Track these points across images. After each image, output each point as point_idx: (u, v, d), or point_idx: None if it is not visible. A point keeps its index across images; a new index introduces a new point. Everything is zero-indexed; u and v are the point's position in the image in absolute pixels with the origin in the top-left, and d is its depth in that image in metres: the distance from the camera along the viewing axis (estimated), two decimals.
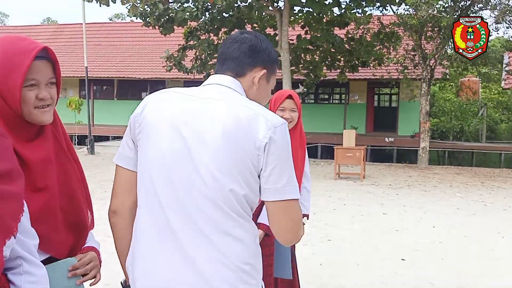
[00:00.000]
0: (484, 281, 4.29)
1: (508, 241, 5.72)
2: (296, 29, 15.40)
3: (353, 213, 7.16)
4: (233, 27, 13.95)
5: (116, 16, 42.20)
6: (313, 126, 18.57)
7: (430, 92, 14.49)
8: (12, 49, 1.31)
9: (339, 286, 4.13)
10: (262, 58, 1.51)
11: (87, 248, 1.54)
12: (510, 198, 8.78)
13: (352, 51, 14.27)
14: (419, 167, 13.46)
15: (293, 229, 1.40)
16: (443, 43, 13.06)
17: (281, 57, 13.25)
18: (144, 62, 21.10)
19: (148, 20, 13.12)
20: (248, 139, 1.32)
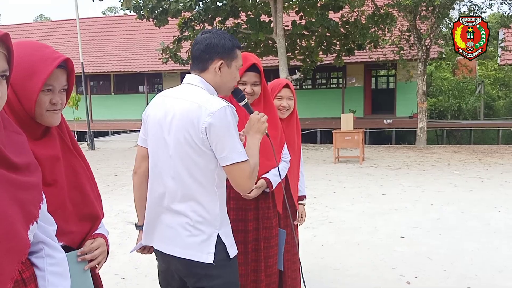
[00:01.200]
0: (479, 254, 4.43)
1: (504, 215, 5.85)
2: (290, 15, 15.36)
3: (353, 195, 7.29)
4: (227, 16, 13.87)
5: (109, 10, 41.85)
6: (311, 112, 18.66)
7: (426, 72, 14.55)
8: (36, 56, 1.42)
9: (341, 265, 4.25)
10: (217, 51, 1.91)
11: (96, 235, 1.64)
12: (507, 173, 8.92)
13: (347, 35, 14.26)
14: (417, 147, 13.59)
15: (243, 182, 1.90)
16: (437, 22, 13.09)
17: (277, 43, 13.27)
18: (140, 55, 21.07)
19: (142, 12, 13.11)
20: (193, 126, 1.84)
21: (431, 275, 3.96)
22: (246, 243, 2.49)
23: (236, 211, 2.50)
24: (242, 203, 2.50)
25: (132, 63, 20.48)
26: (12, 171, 1.17)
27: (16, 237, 1.13)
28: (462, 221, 5.62)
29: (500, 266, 4.10)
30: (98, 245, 1.61)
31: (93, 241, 1.61)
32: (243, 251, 2.47)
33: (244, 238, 2.49)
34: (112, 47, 22.59)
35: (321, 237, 5.16)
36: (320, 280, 3.92)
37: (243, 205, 2.50)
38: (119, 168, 10.76)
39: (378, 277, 3.96)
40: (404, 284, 3.79)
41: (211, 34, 1.93)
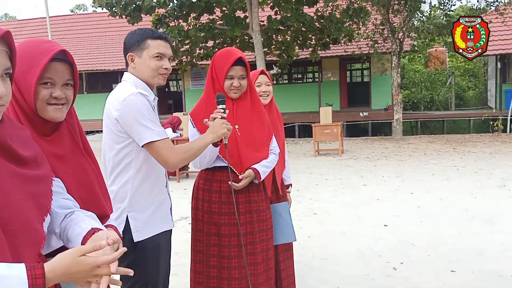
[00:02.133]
0: (460, 239, 4.64)
1: (480, 201, 6.11)
2: (266, 10, 15.35)
3: (335, 187, 7.46)
4: (202, 12, 13.72)
5: (78, 8, 40.81)
6: (288, 106, 18.76)
7: (400, 64, 14.86)
8: (36, 50, 1.43)
9: (328, 254, 4.37)
10: (126, 48, 2.20)
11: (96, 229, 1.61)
12: (480, 161, 9.25)
13: (322, 29, 14.36)
14: (394, 138, 13.89)
15: (162, 159, 2.09)
16: (410, 16, 13.38)
17: (253, 39, 13.28)
18: (113, 53, 20.67)
19: (115, 9, 12.84)
20: (109, 117, 2.11)
21: (416, 261, 4.13)
22: (239, 236, 2.51)
23: (227, 205, 2.51)
24: (232, 196, 2.49)
25: (104, 61, 20.15)
26: (22, 165, 1.20)
27: (33, 230, 1.18)
28: (441, 208, 5.85)
29: (480, 249, 4.31)
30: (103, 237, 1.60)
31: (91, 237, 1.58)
32: (236, 244, 2.51)
33: (237, 231, 2.51)
34: (83, 45, 22.17)
35: (307, 228, 5.27)
36: (310, 270, 4.03)
37: (232, 198, 2.49)
38: None
39: (365, 264, 4.09)
40: (390, 270, 3.93)
41: (127, 34, 2.22)
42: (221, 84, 2.49)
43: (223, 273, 2.51)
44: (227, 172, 2.48)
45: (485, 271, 3.81)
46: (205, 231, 2.54)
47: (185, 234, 4.97)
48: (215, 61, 2.52)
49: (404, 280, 3.72)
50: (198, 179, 2.63)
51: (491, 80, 19.64)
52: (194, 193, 2.63)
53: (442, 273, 3.82)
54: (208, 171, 2.57)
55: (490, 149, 10.77)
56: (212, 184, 2.54)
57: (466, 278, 3.69)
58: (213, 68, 2.52)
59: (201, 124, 2.45)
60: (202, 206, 2.56)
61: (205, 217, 2.54)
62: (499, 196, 6.34)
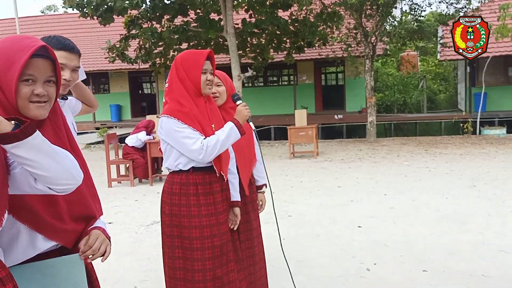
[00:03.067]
0: (431, 239, 4.71)
1: (451, 201, 6.22)
2: (240, 13, 15.36)
3: (310, 189, 7.49)
4: (176, 14, 13.58)
5: (48, 9, 39.82)
6: (264, 109, 18.84)
7: (373, 68, 15.08)
8: (16, 46, 1.37)
9: (303, 257, 4.37)
10: None
11: (90, 230, 1.61)
12: (451, 162, 9.45)
13: (297, 33, 14.41)
14: (368, 140, 14.06)
15: None
16: (382, 21, 13.60)
17: (227, 41, 13.25)
18: (84, 54, 20.21)
19: (86, 10, 12.56)
20: None
21: (389, 261, 4.17)
22: (220, 236, 2.52)
23: (206, 206, 2.50)
24: (211, 197, 2.52)
25: None
26: None
27: None
28: (413, 209, 5.93)
29: (451, 249, 4.39)
30: (95, 238, 1.57)
31: (88, 237, 1.56)
32: (218, 245, 2.51)
33: (218, 231, 2.51)
34: None
35: (282, 231, 5.14)
36: (285, 273, 4.01)
37: (212, 199, 2.52)
38: None
39: (339, 266, 4.11)
40: (364, 271, 3.96)
41: None
42: (197, 80, 2.49)
43: (208, 275, 2.49)
44: (202, 174, 2.51)
45: (456, 270, 3.88)
46: (185, 236, 2.49)
47: (156, 239, 4.91)
48: (183, 60, 2.53)
49: (378, 280, 3.76)
50: (170, 185, 2.56)
51: (461, 83, 20.14)
52: (167, 199, 2.56)
53: (414, 273, 3.87)
54: (182, 174, 2.53)
55: (460, 151, 11.01)
56: (189, 188, 2.50)
57: (438, 277, 3.75)
58: (181, 67, 2.51)
59: (192, 120, 2.46)
60: (178, 211, 2.51)
61: (184, 221, 2.49)
62: (469, 196, 6.48)
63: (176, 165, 2.53)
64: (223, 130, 2.49)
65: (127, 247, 4.84)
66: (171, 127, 2.46)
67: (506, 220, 5.24)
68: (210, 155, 2.43)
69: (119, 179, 8.75)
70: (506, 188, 6.88)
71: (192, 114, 2.46)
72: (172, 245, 2.53)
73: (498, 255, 4.18)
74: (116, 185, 8.61)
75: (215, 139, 2.44)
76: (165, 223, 2.56)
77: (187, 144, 2.44)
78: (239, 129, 2.52)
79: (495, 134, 14.00)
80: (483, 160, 9.55)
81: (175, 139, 2.47)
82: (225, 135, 2.46)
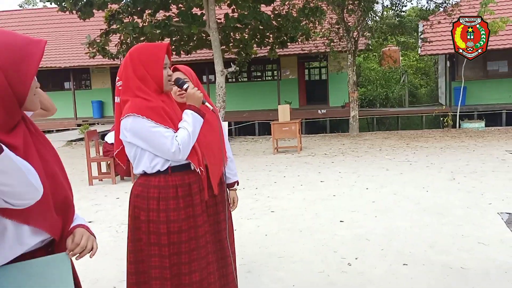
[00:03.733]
0: (412, 232, 4.76)
1: (431, 194, 6.30)
2: (223, 8, 15.25)
3: (293, 184, 7.50)
4: (157, 8, 13.39)
5: (27, 2, 39.11)
6: (248, 104, 18.82)
7: (355, 63, 15.15)
8: (20, 39, 1.36)
9: (285, 253, 4.37)
10: None
11: (73, 228, 1.58)
12: (431, 155, 9.57)
13: (280, 28, 14.36)
14: (351, 135, 14.15)
15: None
16: (363, 16, 13.66)
17: (210, 36, 13.13)
18: (64, 50, 19.92)
19: (64, 4, 12.31)
20: None
21: (370, 255, 4.20)
22: (197, 239, 2.42)
23: (184, 210, 2.39)
24: (190, 199, 2.41)
25: (55, 58, 19.33)
26: None
27: None
28: (395, 202, 5.99)
29: (431, 241, 4.44)
30: (81, 236, 1.54)
31: (73, 235, 1.54)
32: (194, 248, 2.42)
33: (195, 233, 2.42)
34: None
35: (264, 227, 5.26)
36: (266, 269, 4.00)
37: (191, 201, 2.41)
38: None
39: (321, 261, 4.12)
40: (345, 266, 3.97)
41: None
42: (159, 77, 2.31)
43: (184, 279, 2.40)
44: (181, 174, 2.38)
45: (436, 263, 3.93)
46: (164, 243, 2.35)
47: None
48: (141, 54, 2.32)
49: (358, 275, 3.78)
50: (146, 188, 2.37)
51: (441, 78, 20.38)
52: (143, 204, 2.37)
53: (395, 266, 3.91)
54: (160, 177, 2.37)
55: (441, 144, 11.16)
56: (169, 191, 2.35)
57: (418, 270, 3.79)
58: (139, 63, 2.31)
59: (162, 117, 2.29)
60: (157, 217, 2.34)
61: (162, 227, 2.34)
62: (449, 189, 6.56)
63: (153, 167, 2.34)
64: (186, 121, 2.36)
65: (107, 246, 4.78)
66: (141, 127, 2.25)
67: (484, 213, 5.32)
68: (186, 152, 2.32)
69: (100, 177, 8.62)
70: (484, 180, 6.99)
71: (161, 108, 2.29)
72: (149, 254, 2.37)
73: (477, 247, 4.24)
74: (98, 183, 8.50)
75: (185, 133, 2.31)
76: (141, 229, 2.36)
77: (163, 145, 2.26)
78: (199, 113, 2.43)
79: (474, 127, 14.22)
80: (462, 153, 9.70)
81: (149, 141, 2.28)
82: (192, 125, 2.35)
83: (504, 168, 7.91)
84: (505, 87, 17.06)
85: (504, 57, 17.10)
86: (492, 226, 4.83)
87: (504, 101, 16.74)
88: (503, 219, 5.06)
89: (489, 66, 17.55)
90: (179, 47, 15.06)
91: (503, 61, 17.35)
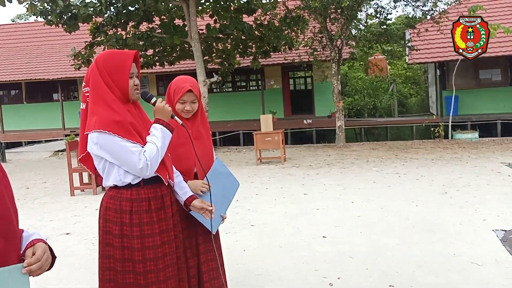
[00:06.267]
0: (400, 250, 4.43)
1: (421, 209, 5.96)
2: (205, 18, 15.23)
3: (275, 196, 7.18)
4: (141, 20, 13.58)
5: (19, 17, 39.90)
6: (233, 114, 18.61)
7: (340, 72, 14.93)
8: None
9: (263, 270, 4.10)
10: None
11: (35, 240, 1.52)
12: (422, 167, 9.23)
13: (262, 37, 14.31)
14: (337, 145, 13.85)
15: None
16: (346, 24, 13.45)
17: (192, 47, 13.06)
18: (52, 62, 20.16)
19: (50, 18, 12.47)
20: None
21: (353, 275, 3.88)
22: (171, 254, 2.37)
23: (158, 224, 2.32)
24: (163, 213, 2.34)
25: (44, 71, 19.49)
26: None
27: None
28: (382, 217, 5.66)
29: (420, 261, 4.11)
30: (43, 252, 1.49)
31: (33, 248, 1.48)
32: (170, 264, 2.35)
33: (170, 249, 2.36)
34: (22, 54, 21.43)
35: (243, 241, 4.99)
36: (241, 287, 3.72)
37: (163, 214, 2.34)
38: (32, 180, 10.15)
39: (301, 280, 3.86)
40: (327, 286, 3.70)
41: None
42: (124, 86, 2.29)
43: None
44: (153, 187, 2.32)
45: (424, 285, 3.59)
46: (137, 260, 2.26)
47: None
48: (106, 61, 2.31)
49: None
50: (118, 201, 2.29)
51: (432, 87, 20.21)
52: (116, 218, 2.29)
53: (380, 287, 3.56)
54: (132, 189, 2.28)
55: (432, 156, 10.83)
56: (141, 204, 2.27)
57: None
58: (104, 71, 2.29)
59: (129, 132, 2.24)
60: (130, 231, 2.26)
61: (135, 243, 2.26)
62: (440, 203, 6.22)
63: (123, 181, 2.27)
64: (155, 136, 2.30)
65: (81, 260, 4.66)
66: (107, 142, 2.21)
67: (478, 230, 4.99)
68: (154, 167, 2.26)
69: (82, 187, 8.61)
70: (478, 195, 6.63)
71: (128, 123, 2.24)
72: (123, 270, 2.28)
73: (470, 268, 3.91)
74: (79, 193, 8.46)
75: (154, 149, 2.25)
76: (114, 245, 2.28)
77: (131, 161, 2.21)
78: (168, 128, 2.37)
79: (467, 138, 13.88)
80: (455, 165, 9.33)
81: (116, 156, 2.23)
82: (161, 141, 2.30)
83: (500, 181, 7.52)
84: (499, 96, 16.64)
85: (497, 65, 16.84)
86: (486, 245, 4.49)
87: (499, 111, 16.27)
88: (498, 236, 4.72)
89: (481, 74, 17.29)
90: (162, 58, 15.15)
91: (496, 69, 17.06)
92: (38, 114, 20.44)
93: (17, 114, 20.53)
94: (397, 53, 17.23)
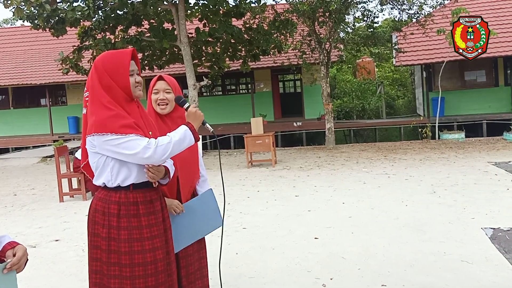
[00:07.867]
0: (391, 250, 4.47)
1: (411, 209, 6.03)
2: (194, 22, 15.22)
3: (266, 199, 7.20)
4: (129, 24, 13.51)
5: (5, 22, 39.30)
6: (223, 118, 18.60)
7: (329, 74, 15.00)
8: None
9: (256, 273, 4.10)
10: None
11: (13, 243, 1.66)
12: (410, 168, 9.33)
13: (251, 41, 14.35)
14: (327, 147, 13.92)
15: None
16: (335, 27, 13.53)
17: (182, 51, 13.03)
18: (40, 67, 19.96)
19: (37, 22, 12.35)
20: None
21: (345, 275, 3.91)
22: (162, 260, 2.33)
23: (148, 228, 2.29)
24: (153, 218, 2.30)
25: (31, 75, 19.28)
26: None
27: None
28: (372, 218, 5.70)
29: (411, 260, 4.15)
30: (23, 254, 1.65)
31: (13, 250, 1.64)
32: (161, 270, 2.31)
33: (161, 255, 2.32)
34: (8, 59, 21.17)
35: (235, 244, 4.98)
36: None
37: (154, 219, 2.30)
38: (20, 187, 9.98)
39: (294, 282, 3.86)
40: (320, 287, 3.70)
41: None
42: (126, 85, 2.25)
43: None
44: (142, 192, 2.28)
45: (416, 284, 3.63)
46: (125, 263, 2.22)
47: None
48: (105, 63, 2.26)
49: None
50: (107, 204, 2.25)
51: (418, 89, 20.38)
52: (103, 221, 2.25)
53: (372, 287, 3.59)
54: (120, 192, 2.25)
55: (420, 156, 10.95)
56: (129, 208, 2.24)
57: None
58: (104, 72, 2.24)
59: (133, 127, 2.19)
60: (117, 234, 2.23)
61: (124, 246, 2.22)
62: (429, 203, 6.29)
63: (113, 181, 2.23)
64: (176, 132, 2.24)
65: (71, 267, 4.59)
66: (107, 140, 2.16)
67: (467, 228, 5.05)
68: (160, 154, 2.16)
69: (71, 193, 8.50)
70: (466, 193, 6.72)
71: (133, 124, 2.21)
72: (108, 274, 2.24)
73: (460, 266, 3.97)
74: (68, 199, 8.33)
75: (167, 139, 2.18)
76: (101, 248, 2.25)
77: (131, 146, 2.14)
78: (194, 134, 2.29)
79: (454, 138, 14.07)
80: (442, 165, 9.44)
81: (115, 149, 2.16)
82: (179, 137, 2.22)
83: (487, 180, 7.63)
84: (484, 97, 16.99)
85: (481, 67, 17.10)
86: (476, 243, 4.55)
87: (484, 111, 16.64)
88: (487, 234, 4.79)
89: (466, 76, 17.55)
90: (151, 61, 15.10)
91: (481, 70, 17.34)
92: (25, 120, 20.23)
93: (4, 120, 20.33)
94: (385, 55, 17.36)
